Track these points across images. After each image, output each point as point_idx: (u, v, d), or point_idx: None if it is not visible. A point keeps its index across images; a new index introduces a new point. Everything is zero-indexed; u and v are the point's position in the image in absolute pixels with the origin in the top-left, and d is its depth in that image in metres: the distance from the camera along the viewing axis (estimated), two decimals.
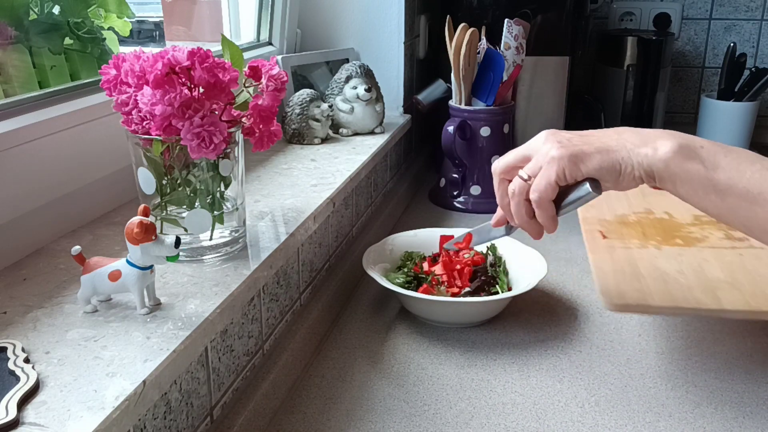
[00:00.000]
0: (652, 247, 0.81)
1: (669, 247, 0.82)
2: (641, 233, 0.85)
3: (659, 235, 0.85)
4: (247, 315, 0.68)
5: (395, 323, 0.89)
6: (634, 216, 0.91)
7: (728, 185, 0.55)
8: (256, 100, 0.67)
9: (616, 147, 0.60)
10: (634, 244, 0.82)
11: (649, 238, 0.84)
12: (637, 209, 0.93)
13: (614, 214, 0.92)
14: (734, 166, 0.56)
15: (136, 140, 0.62)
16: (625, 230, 0.86)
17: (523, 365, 0.79)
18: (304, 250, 0.83)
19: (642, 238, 0.84)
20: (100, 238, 0.70)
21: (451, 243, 0.86)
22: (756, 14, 1.77)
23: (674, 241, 0.83)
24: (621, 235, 0.85)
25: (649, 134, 0.60)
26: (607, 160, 0.59)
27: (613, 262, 0.78)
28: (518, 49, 1.24)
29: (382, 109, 1.19)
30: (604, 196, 0.90)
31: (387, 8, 1.30)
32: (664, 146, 0.58)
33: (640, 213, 0.92)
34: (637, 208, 0.94)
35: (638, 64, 1.62)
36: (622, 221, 0.89)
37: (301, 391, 0.74)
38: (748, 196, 0.55)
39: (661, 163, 0.58)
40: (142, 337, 0.52)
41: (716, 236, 0.84)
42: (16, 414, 0.42)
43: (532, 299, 0.94)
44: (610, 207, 0.94)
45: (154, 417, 0.51)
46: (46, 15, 0.82)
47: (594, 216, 0.91)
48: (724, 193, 0.56)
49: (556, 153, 0.60)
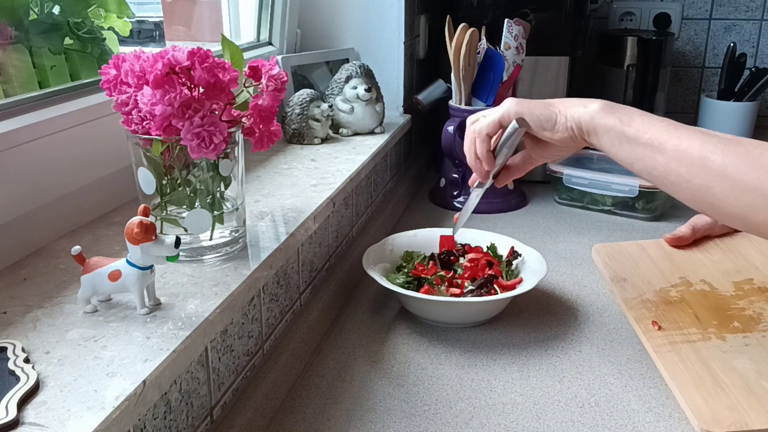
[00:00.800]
0: (714, 337, 0.76)
1: (731, 334, 0.76)
2: (694, 317, 0.80)
3: (714, 318, 0.80)
4: (247, 315, 0.68)
5: (395, 323, 0.89)
6: (675, 291, 0.86)
7: (636, 136, 0.67)
8: (256, 100, 0.67)
9: (556, 104, 0.75)
10: (694, 334, 0.77)
11: (706, 324, 0.79)
12: (674, 280, 0.88)
13: (653, 291, 0.86)
14: (645, 123, 0.68)
15: (136, 140, 0.62)
16: (676, 314, 0.81)
17: (523, 365, 0.79)
18: (304, 250, 0.83)
19: (698, 325, 0.79)
20: (100, 238, 0.70)
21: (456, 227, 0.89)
22: (756, 14, 1.77)
23: (732, 325, 0.78)
24: (675, 323, 0.79)
25: (588, 100, 0.73)
26: (546, 112, 0.75)
27: (685, 369, 0.72)
28: (518, 49, 1.24)
29: (382, 109, 1.19)
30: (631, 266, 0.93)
31: (387, 8, 1.30)
32: (593, 104, 0.72)
33: (679, 286, 0.86)
34: (673, 279, 0.88)
35: (638, 64, 1.62)
36: (666, 300, 0.84)
37: (301, 391, 0.74)
38: (652, 146, 0.66)
39: (587, 116, 0.71)
40: (142, 337, 0.52)
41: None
42: (16, 414, 0.42)
43: (532, 299, 0.94)
44: (644, 279, 0.89)
45: (154, 417, 0.51)
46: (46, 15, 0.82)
47: (635, 297, 0.86)
48: (633, 143, 0.67)
49: (509, 101, 0.77)
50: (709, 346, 0.75)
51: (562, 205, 1.32)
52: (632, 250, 0.95)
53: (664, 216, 1.25)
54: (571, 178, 1.28)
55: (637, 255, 0.94)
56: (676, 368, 0.73)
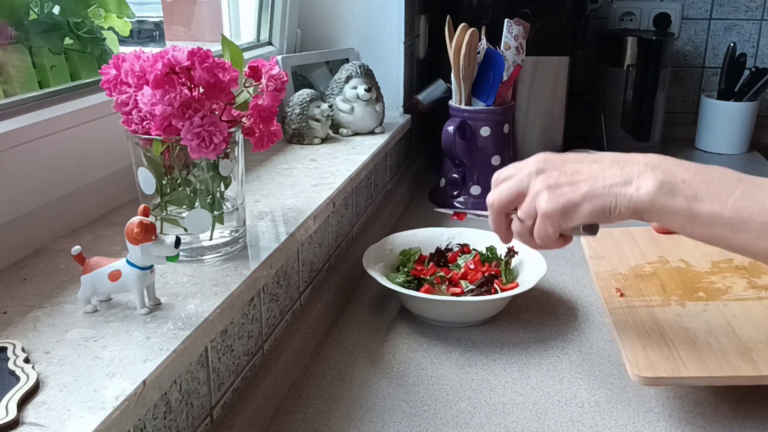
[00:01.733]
0: (675, 304, 0.76)
1: (692, 302, 0.76)
2: (660, 287, 0.80)
3: (680, 289, 0.79)
4: (247, 315, 0.68)
5: (395, 323, 0.89)
6: (649, 267, 0.85)
7: (712, 217, 0.57)
8: (256, 100, 0.67)
9: (601, 191, 0.62)
10: (655, 300, 0.77)
11: (670, 292, 0.78)
12: (651, 258, 0.87)
13: (628, 266, 0.85)
14: (716, 196, 0.57)
15: (136, 140, 0.62)
16: (643, 285, 0.81)
17: (523, 365, 0.79)
18: (304, 250, 0.83)
19: (662, 294, 0.78)
20: (100, 238, 0.70)
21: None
22: (756, 14, 1.77)
23: (696, 294, 0.78)
24: (639, 291, 0.79)
25: (631, 170, 0.62)
26: (596, 207, 0.62)
27: (636, 326, 0.73)
28: (518, 49, 1.24)
29: (382, 109, 1.19)
30: (614, 247, 0.92)
31: (387, 8, 1.30)
32: (646, 185, 0.60)
33: (655, 263, 0.86)
34: (651, 257, 0.88)
35: (638, 64, 1.62)
36: (638, 273, 0.84)
37: (301, 391, 0.74)
38: (733, 225, 0.57)
39: (645, 203, 0.60)
40: (142, 337, 0.52)
41: (739, 285, 0.78)
42: (16, 414, 0.42)
43: (532, 299, 0.94)
44: (623, 258, 0.89)
45: (154, 417, 0.51)
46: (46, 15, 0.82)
47: (607, 270, 0.86)
48: (709, 225, 0.58)
49: (547, 208, 0.63)
50: (667, 311, 0.75)
51: None
52: (619, 234, 0.95)
53: None
54: None
55: (622, 238, 0.93)
56: (626, 326, 0.73)
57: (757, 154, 1.69)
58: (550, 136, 1.42)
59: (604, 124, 1.57)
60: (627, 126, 1.67)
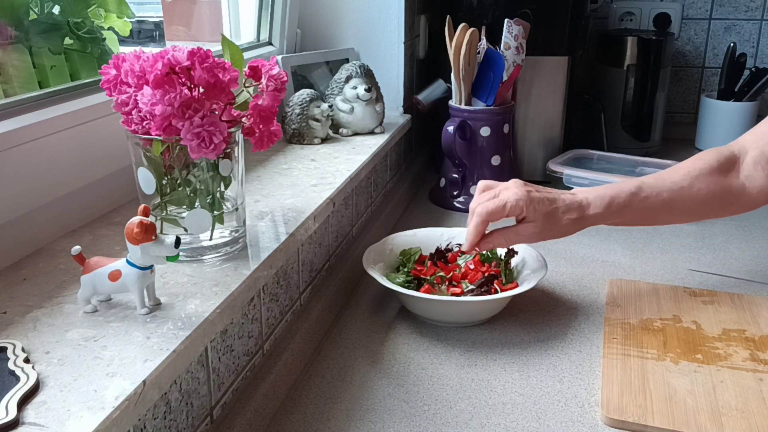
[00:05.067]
0: (669, 360, 0.77)
1: (686, 362, 0.76)
2: (662, 343, 0.80)
3: (680, 348, 0.79)
4: (247, 315, 0.68)
5: (395, 323, 0.89)
6: (660, 323, 0.85)
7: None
8: (256, 100, 0.67)
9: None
10: (652, 354, 0.78)
11: (669, 349, 0.79)
12: (665, 315, 0.87)
13: (639, 318, 0.86)
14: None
15: (136, 140, 0.62)
16: (646, 338, 0.81)
17: (523, 365, 0.79)
18: (304, 250, 0.83)
19: (662, 349, 0.79)
20: (100, 238, 0.70)
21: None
22: (756, 14, 1.77)
23: (694, 356, 0.77)
24: (639, 343, 0.80)
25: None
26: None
27: (623, 372, 0.74)
28: (518, 49, 1.24)
29: (382, 109, 1.19)
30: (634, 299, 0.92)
31: (387, 8, 1.30)
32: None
33: (667, 320, 0.86)
34: (666, 314, 0.87)
35: (638, 64, 1.62)
36: (646, 326, 0.84)
37: (301, 391, 0.74)
38: None
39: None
40: (142, 337, 0.52)
41: (740, 355, 0.77)
42: (16, 414, 0.42)
43: (532, 299, 0.94)
44: (638, 310, 0.89)
45: (154, 417, 0.51)
46: (46, 15, 0.82)
47: (618, 317, 0.87)
48: None
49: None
50: (658, 365, 0.76)
51: None
52: (644, 288, 0.95)
53: None
54: (571, 178, 1.28)
55: (645, 291, 0.94)
56: (614, 371, 0.75)
57: None
58: (550, 136, 1.42)
59: (604, 124, 1.57)
60: (627, 126, 1.67)
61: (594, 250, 1.11)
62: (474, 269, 0.91)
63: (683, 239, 1.16)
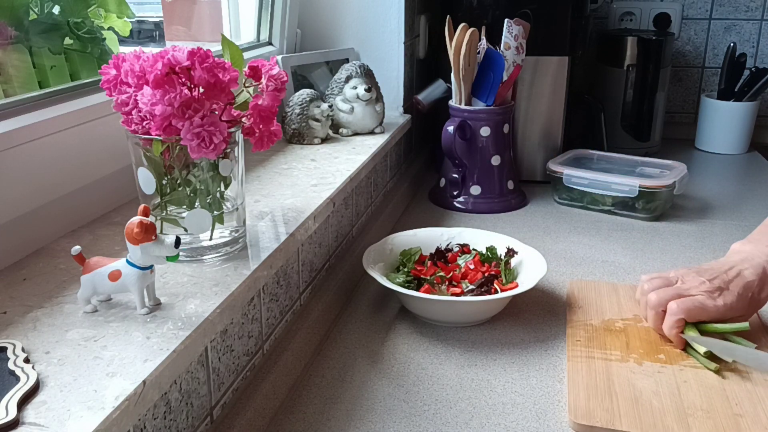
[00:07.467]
0: (632, 361, 0.77)
1: (650, 362, 0.77)
2: (625, 344, 0.80)
3: (642, 348, 0.80)
4: (247, 315, 0.68)
5: (395, 323, 0.89)
6: (621, 323, 0.85)
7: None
8: (256, 100, 0.67)
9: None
10: (615, 355, 0.78)
11: (632, 350, 0.79)
12: (626, 315, 0.87)
13: (601, 319, 0.86)
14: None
15: (136, 140, 0.62)
16: (609, 339, 0.81)
17: (523, 365, 0.79)
18: (304, 250, 0.83)
19: (624, 350, 0.79)
20: (100, 238, 0.70)
21: None
22: (756, 14, 1.77)
23: (657, 356, 0.78)
24: (603, 344, 0.80)
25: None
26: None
27: (588, 375, 0.74)
28: (518, 49, 1.24)
29: (382, 109, 1.19)
30: (595, 299, 0.92)
31: (387, 8, 1.30)
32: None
33: (628, 320, 0.86)
34: (627, 314, 0.87)
35: (638, 64, 1.62)
36: (608, 327, 0.84)
37: (301, 391, 0.74)
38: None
39: None
40: (142, 337, 0.52)
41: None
42: (16, 414, 0.42)
43: (532, 299, 0.94)
44: (599, 310, 0.89)
45: (154, 417, 0.51)
46: (46, 15, 0.82)
47: (580, 319, 0.87)
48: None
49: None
50: (622, 366, 0.76)
51: (562, 205, 1.32)
52: (604, 289, 0.95)
53: (664, 216, 1.25)
54: (571, 178, 1.28)
55: (606, 292, 0.94)
56: (579, 374, 0.75)
57: (757, 155, 1.70)
58: (550, 136, 1.42)
59: (604, 124, 1.57)
60: (627, 126, 1.67)
61: (594, 250, 1.11)
62: (474, 269, 0.91)
63: (683, 239, 1.16)
